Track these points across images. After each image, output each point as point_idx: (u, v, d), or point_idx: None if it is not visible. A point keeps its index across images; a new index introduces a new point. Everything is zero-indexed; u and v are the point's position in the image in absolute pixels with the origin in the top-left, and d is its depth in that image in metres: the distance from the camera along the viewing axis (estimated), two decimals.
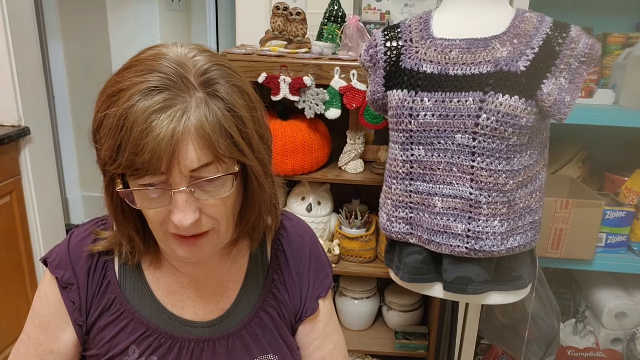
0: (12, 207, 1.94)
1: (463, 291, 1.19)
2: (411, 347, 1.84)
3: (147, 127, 0.58)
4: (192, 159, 0.60)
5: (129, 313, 0.76)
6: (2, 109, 1.94)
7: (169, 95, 0.60)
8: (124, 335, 0.75)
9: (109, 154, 0.61)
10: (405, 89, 1.15)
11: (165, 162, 0.59)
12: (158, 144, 0.58)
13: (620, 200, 1.72)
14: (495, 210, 1.13)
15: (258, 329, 0.80)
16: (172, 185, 0.62)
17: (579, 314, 1.88)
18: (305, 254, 0.86)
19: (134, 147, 0.59)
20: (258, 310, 0.80)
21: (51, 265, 0.76)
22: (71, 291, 0.75)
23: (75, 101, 3.14)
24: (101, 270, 0.76)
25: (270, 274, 0.82)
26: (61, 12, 2.98)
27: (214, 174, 0.62)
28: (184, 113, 0.59)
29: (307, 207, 1.77)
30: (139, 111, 0.59)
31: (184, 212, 0.62)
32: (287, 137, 1.64)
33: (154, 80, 0.60)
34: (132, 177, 0.62)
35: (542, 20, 1.10)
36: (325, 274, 0.88)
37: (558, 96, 1.07)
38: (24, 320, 0.79)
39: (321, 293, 0.86)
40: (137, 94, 0.59)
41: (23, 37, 1.95)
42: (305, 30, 1.68)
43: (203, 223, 0.65)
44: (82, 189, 3.30)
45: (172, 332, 0.76)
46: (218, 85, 0.63)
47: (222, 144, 0.61)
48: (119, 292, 0.76)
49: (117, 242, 0.75)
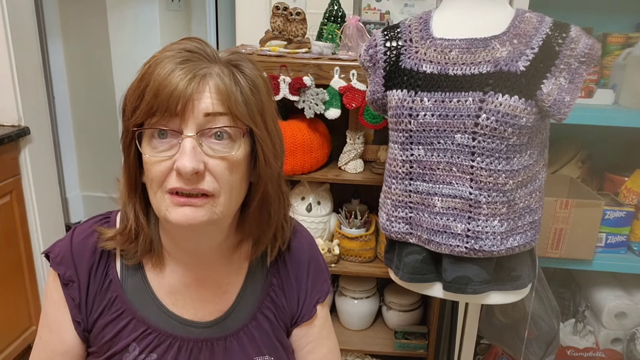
0: (12, 207, 1.95)
1: (463, 291, 1.19)
2: (411, 347, 1.84)
3: (170, 72, 0.64)
4: (207, 103, 0.64)
5: (130, 312, 0.77)
6: (2, 109, 1.94)
7: (197, 56, 0.66)
8: (125, 333, 0.77)
9: (132, 103, 0.66)
10: (405, 89, 1.15)
11: (182, 102, 0.63)
12: (177, 84, 0.63)
13: (620, 200, 1.72)
14: (495, 210, 1.13)
15: (255, 331, 0.81)
16: (182, 132, 0.65)
17: (579, 314, 1.88)
18: (304, 260, 0.87)
19: (155, 88, 0.63)
20: (256, 313, 0.82)
21: (53, 261, 0.78)
22: (72, 288, 0.76)
23: (75, 101, 3.14)
24: (103, 269, 0.77)
25: (269, 278, 0.84)
26: (61, 12, 2.98)
27: (225, 126, 0.66)
28: (206, 71, 0.65)
29: (307, 207, 1.77)
30: (167, 62, 0.65)
31: (189, 156, 0.63)
32: (287, 137, 1.64)
33: (188, 44, 0.67)
34: (149, 123, 0.65)
35: (542, 20, 1.10)
36: (323, 279, 0.89)
37: (558, 96, 1.07)
38: (24, 320, 0.80)
39: (320, 298, 0.88)
40: (169, 51, 0.66)
41: (23, 37, 1.95)
42: (305, 30, 1.68)
43: (205, 181, 0.66)
44: (82, 189, 3.31)
45: (172, 331, 0.78)
46: (242, 64, 0.70)
47: (238, 102, 0.66)
48: (121, 291, 0.77)
49: (122, 239, 0.76)
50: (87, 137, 3.19)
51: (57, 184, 2.25)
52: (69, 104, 3.14)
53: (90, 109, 3.12)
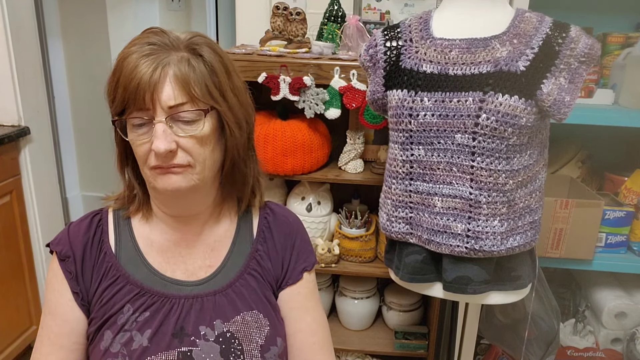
0: (12, 207, 1.95)
1: (463, 291, 1.19)
2: (411, 347, 1.84)
3: (135, 67, 0.74)
4: (169, 96, 0.74)
5: (124, 277, 0.84)
6: (2, 109, 1.95)
7: (158, 48, 0.76)
8: (120, 296, 0.83)
9: (111, 92, 0.78)
10: (405, 89, 1.15)
11: (148, 96, 0.73)
12: (141, 79, 0.73)
13: (620, 200, 1.72)
14: (495, 210, 1.13)
15: (243, 289, 0.88)
16: (154, 119, 0.75)
17: (579, 314, 1.88)
18: (290, 232, 0.95)
19: (124, 82, 0.74)
20: (243, 273, 0.89)
21: (52, 242, 0.87)
22: (68, 263, 0.84)
23: (75, 101, 3.14)
24: (98, 244, 0.86)
25: (255, 245, 0.92)
26: (61, 12, 2.98)
27: (188, 112, 0.75)
28: (165, 61, 0.75)
29: (307, 207, 1.77)
30: (133, 56, 0.75)
31: (160, 139, 0.74)
32: (287, 137, 1.64)
33: (152, 38, 0.77)
34: (127, 115, 0.77)
35: (542, 20, 1.10)
36: (309, 251, 0.97)
37: (558, 96, 1.07)
38: (24, 319, 0.82)
39: (307, 267, 0.94)
40: (135, 46, 0.76)
41: (23, 37, 1.95)
42: (305, 30, 1.68)
43: (178, 156, 0.77)
44: (82, 188, 3.31)
45: (163, 290, 0.84)
46: (200, 48, 0.78)
47: (196, 88, 0.75)
48: (115, 261, 0.85)
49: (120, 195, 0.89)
50: (87, 137, 3.19)
51: (57, 184, 2.25)
52: (69, 104, 3.13)
53: (90, 108, 3.12)
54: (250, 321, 0.85)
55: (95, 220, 0.88)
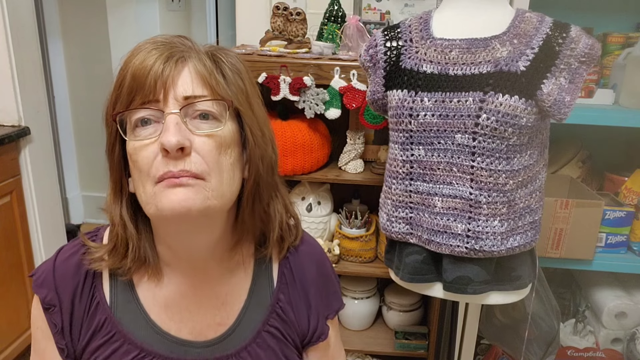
0: (12, 207, 1.94)
1: (463, 291, 1.19)
2: (411, 347, 1.84)
3: (148, 55, 0.62)
4: (186, 85, 0.62)
5: (121, 335, 0.71)
6: (2, 109, 1.94)
7: (173, 45, 0.64)
8: (116, 358, 0.71)
9: (114, 93, 0.64)
10: (405, 89, 1.15)
11: (160, 84, 0.61)
12: (154, 64, 0.61)
13: (620, 200, 1.72)
14: (495, 210, 1.13)
15: (261, 351, 0.75)
16: (164, 111, 0.62)
17: (579, 314, 1.88)
18: (315, 272, 0.81)
19: (132, 72, 0.61)
20: (261, 331, 0.75)
21: (35, 282, 0.73)
22: (53, 313, 0.71)
23: (75, 101, 3.14)
24: (89, 290, 0.72)
25: (276, 294, 0.77)
26: (61, 12, 2.98)
27: (208, 106, 0.63)
28: (184, 55, 0.63)
29: (307, 207, 1.77)
30: (144, 50, 0.63)
31: (172, 131, 0.60)
32: (287, 137, 1.64)
33: (164, 40, 0.65)
34: (130, 113, 0.63)
35: (542, 20, 1.10)
36: (335, 294, 0.84)
37: (558, 96, 1.07)
38: (23, 320, 0.79)
39: (330, 315, 0.82)
40: (147, 43, 0.64)
41: (23, 37, 1.95)
42: (305, 30, 1.68)
43: (192, 161, 0.61)
44: (82, 189, 3.31)
45: (167, 353, 0.72)
46: (224, 52, 0.68)
47: (219, 82, 0.64)
48: (110, 313, 0.71)
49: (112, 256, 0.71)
50: (87, 137, 3.19)
51: (57, 184, 2.25)
52: (69, 104, 3.14)
53: (90, 109, 3.12)
54: None
55: (87, 258, 0.72)
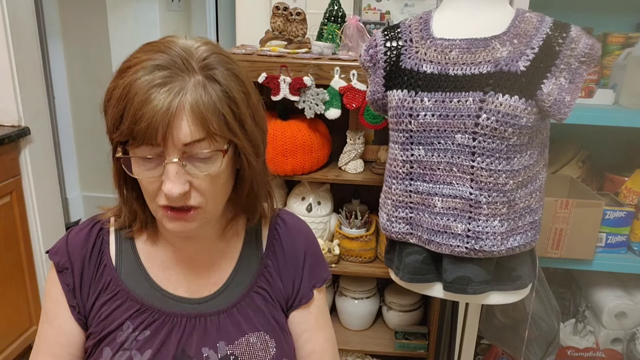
0: (12, 207, 1.94)
1: (463, 291, 1.19)
2: (411, 347, 1.84)
3: (146, 99, 0.64)
4: (185, 133, 0.65)
5: (124, 292, 0.80)
6: (2, 109, 1.94)
7: (170, 73, 0.66)
8: (119, 312, 0.79)
9: (113, 122, 0.68)
10: (405, 89, 1.15)
11: (161, 133, 0.65)
12: (155, 114, 0.64)
13: (620, 200, 1.72)
14: (495, 210, 1.13)
15: (249, 309, 0.83)
16: (165, 157, 0.67)
17: (579, 314, 1.88)
18: (301, 245, 0.88)
19: (133, 115, 0.65)
20: (249, 291, 0.84)
21: (51, 251, 0.83)
22: (66, 275, 0.81)
23: (75, 101, 3.14)
24: (97, 256, 0.82)
25: (264, 260, 0.86)
26: (61, 12, 2.98)
27: (205, 150, 0.68)
28: (181, 90, 0.65)
29: (307, 207, 1.77)
30: (142, 84, 0.65)
31: (174, 182, 0.67)
32: (287, 137, 1.64)
33: (159, 59, 0.66)
34: (132, 146, 0.68)
35: (542, 20, 1.10)
36: (321, 266, 0.91)
37: (558, 96, 1.07)
38: (24, 319, 0.81)
39: (317, 283, 0.89)
40: (142, 70, 0.66)
41: (23, 37, 1.95)
42: (305, 30, 1.68)
43: (192, 197, 0.70)
44: (82, 189, 3.30)
45: (165, 308, 0.80)
46: (216, 70, 0.69)
47: (214, 122, 0.67)
48: (115, 275, 0.81)
49: (119, 212, 0.82)
50: (87, 137, 3.19)
51: (57, 184, 2.25)
52: (69, 104, 3.13)
53: (90, 109, 3.11)
54: (255, 343, 0.81)
55: (95, 230, 0.83)
